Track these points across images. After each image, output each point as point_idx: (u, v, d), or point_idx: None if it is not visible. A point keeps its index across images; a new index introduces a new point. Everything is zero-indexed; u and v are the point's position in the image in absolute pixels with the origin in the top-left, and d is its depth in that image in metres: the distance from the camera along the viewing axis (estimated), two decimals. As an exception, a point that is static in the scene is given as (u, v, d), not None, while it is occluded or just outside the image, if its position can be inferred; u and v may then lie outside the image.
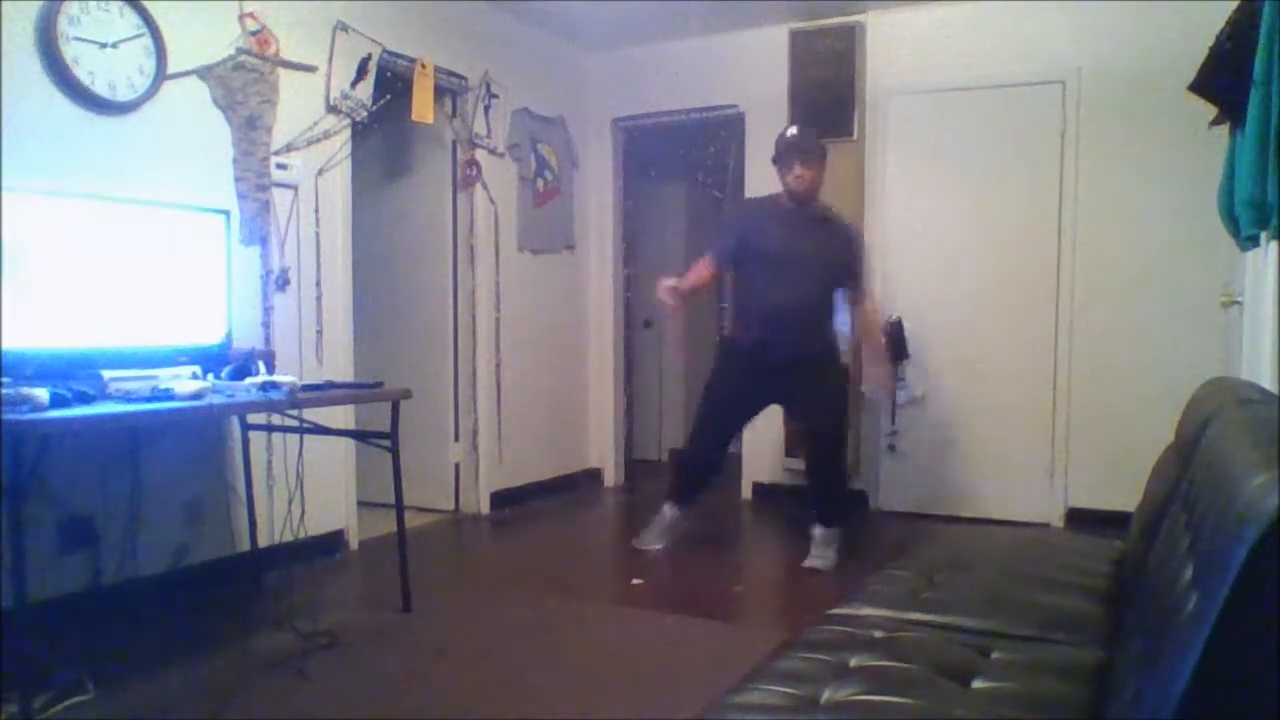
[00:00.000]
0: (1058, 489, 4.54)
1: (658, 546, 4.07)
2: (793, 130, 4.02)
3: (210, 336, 3.17)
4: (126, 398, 2.51)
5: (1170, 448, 2.15)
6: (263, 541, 3.57)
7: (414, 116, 4.29)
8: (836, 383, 4.11)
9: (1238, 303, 3.40)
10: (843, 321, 4.19)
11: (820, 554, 3.92)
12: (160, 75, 3.21)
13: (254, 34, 3.55)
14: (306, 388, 3.04)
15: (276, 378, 2.90)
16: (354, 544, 4.12)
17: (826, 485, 4.04)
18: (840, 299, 4.08)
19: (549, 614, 3.29)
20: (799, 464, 4.93)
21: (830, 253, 3.95)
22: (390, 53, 4.16)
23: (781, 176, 3.91)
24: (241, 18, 3.51)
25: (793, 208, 3.91)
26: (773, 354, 3.83)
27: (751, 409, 4.16)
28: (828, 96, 4.85)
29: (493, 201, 4.85)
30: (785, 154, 3.88)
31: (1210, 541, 1.07)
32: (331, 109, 3.92)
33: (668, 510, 4.14)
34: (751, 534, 4.58)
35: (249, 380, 2.89)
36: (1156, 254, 4.30)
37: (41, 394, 2.27)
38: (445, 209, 4.81)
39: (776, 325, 3.84)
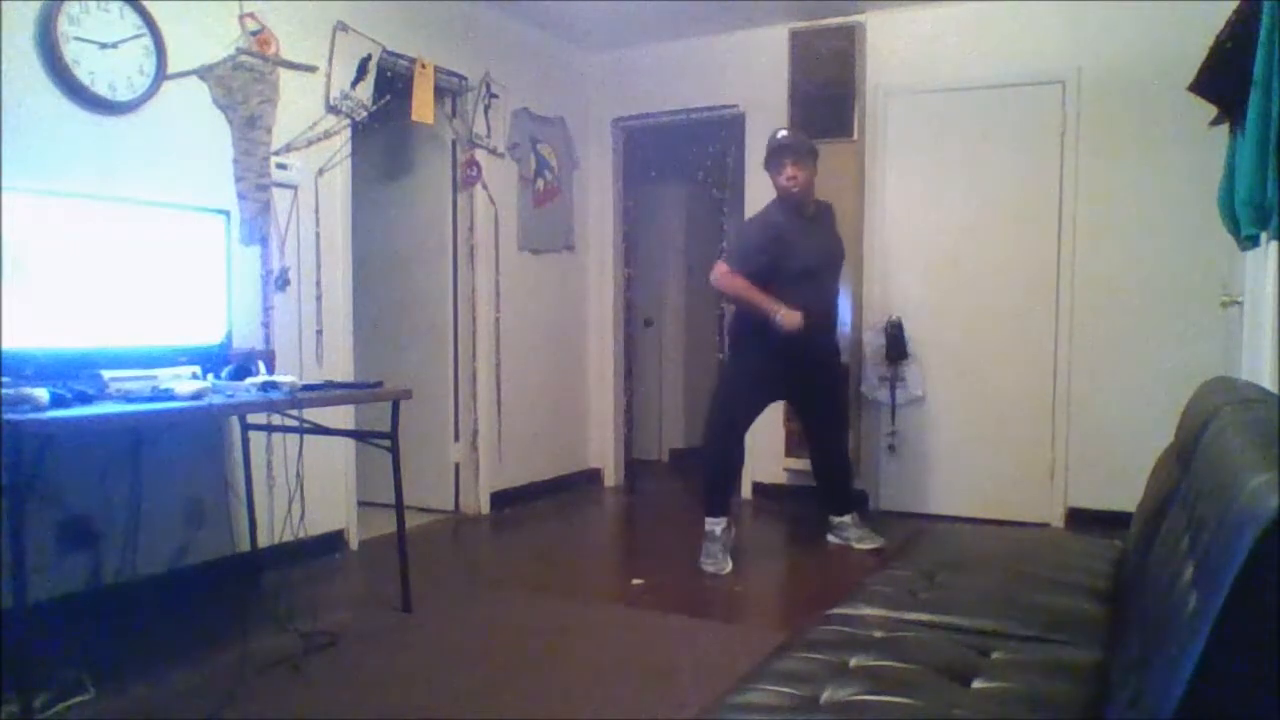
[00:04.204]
0: (1058, 489, 4.54)
1: (729, 566, 3.85)
2: (783, 132, 4.01)
3: (210, 336, 3.18)
4: (126, 398, 2.51)
5: (1170, 448, 2.15)
6: (263, 541, 3.57)
7: (414, 116, 4.29)
8: (843, 379, 4.34)
9: (1238, 303, 3.40)
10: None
11: (868, 534, 4.16)
12: (160, 75, 3.21)
13: (254, 34, 3.55)
14: (306, 388, 3.03)
15: (276, 378, 2.90)
16: (354, 544, 4.12)
17: (846, 474, 4.28)
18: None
19: (549, 614, 3.29)
20: (799, 464, 4.95)
21: (835, 244, 4.11)
22: (390, 53, 4.16)
23: (774, 179, 3.90)
24: (241, 18, 3.52)
25: (800, 215, 3.89)
26: (800, 359, 3.89)
27: (765, 405, 4.21)
28: (828, 96, 4.85)
29: (493, 201, 4.85)
30: (776, 155, 3.88)
31: (1210, 541, 1.07)
32: (331, 109, 3.92)
33: (717, 527, 3.90)
34: (752, 534, 4.57)
35: (249, 380, 2.89)
36: (1156, 254, 4.29)
37: (41, 394, 2.27)
38: (445, 209, 4.81)
39: (811, 335, 3.87)
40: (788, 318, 3.74)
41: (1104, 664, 1.59)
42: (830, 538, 4.23)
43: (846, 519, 4.20)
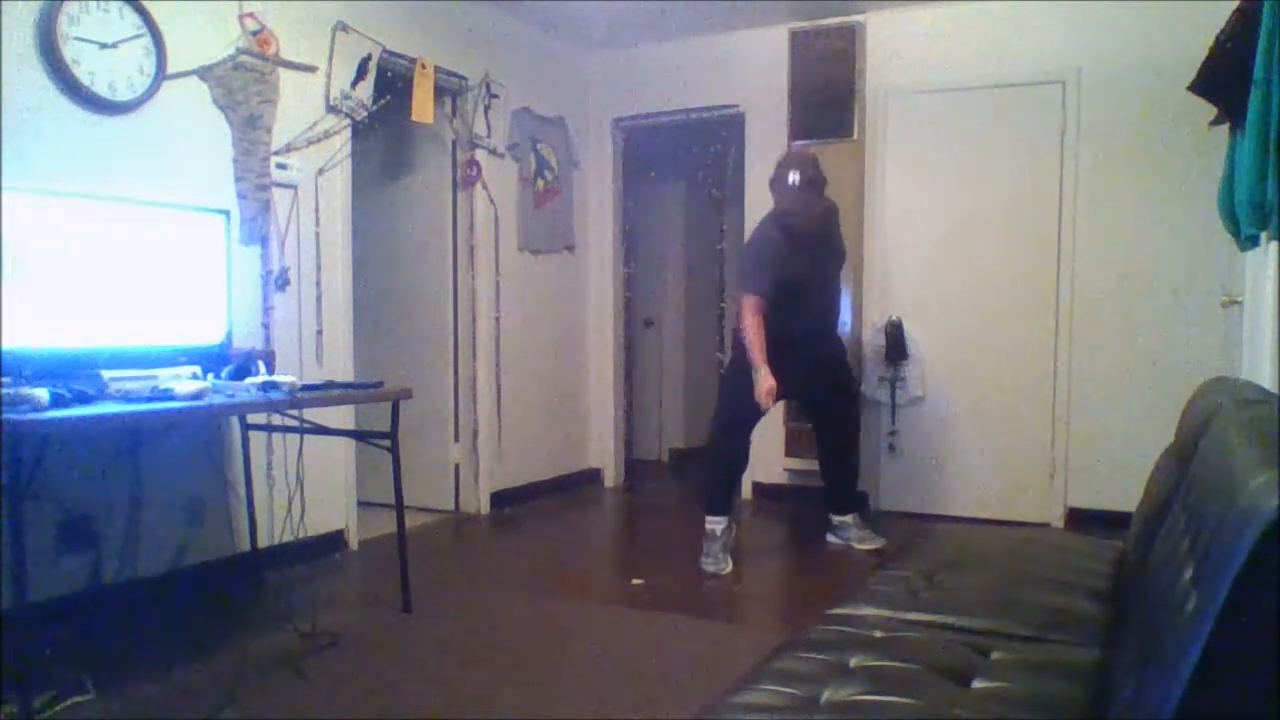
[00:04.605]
0: (1058, 489, 4.54)
1: (729, 566, 3.85)
2: (795, 177, 3.80)
3: (210, 336, 3.17)
4: (126, 398, 2.51)
5: (1170, 448, 2.15)
6: (263, 541, 3.57)
7: (414, 116, 4.29)
8: (851, 379, 4.33)
9: (1238, 303, 3.40)
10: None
11: (869, 535, 4.16)
12: (160, 75, 3.21)
13: (254, 34, 3.55)
14: (306, 388, 3.04)
15: (276, 378, 2.90)
16: (354, 544, 4.12)
17: (853, 475, 4.29)
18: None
19: (549, 614, 3.29)
20: (799, 464, 4.96)
21: (835, 249, 4.11)
22: (390, 53, 4.16)
23: (780, 198, 3.84)
24: (241, 18, 3.51)
25: (801, 227, 3.87)
26: (802, 363, 3.89)
27: (771, 405, 4.18)
28: (828, 96, 4.85)
29: (493, 201, 4.85)
30: (783, 175, 3.82)
31: (1210, 541, 1.07)
32: (331, 109, 3.92)
33: (718, 526, 3.92)
34: (752, 534, 4.57)
35: (249, 380, 2.89)
36: (1156, 254, 4.29)
37: (41, 394, 2.27)
38: (445, 209, 4.81)
39: (809, 341, 3.92)
40: (761, 379, 3.65)
41: (1104, 664, 1.59)
42: (830, 538, 4.23)
43: (848, 519, 4.21)
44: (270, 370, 3.16)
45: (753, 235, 4.05)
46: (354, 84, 4.00)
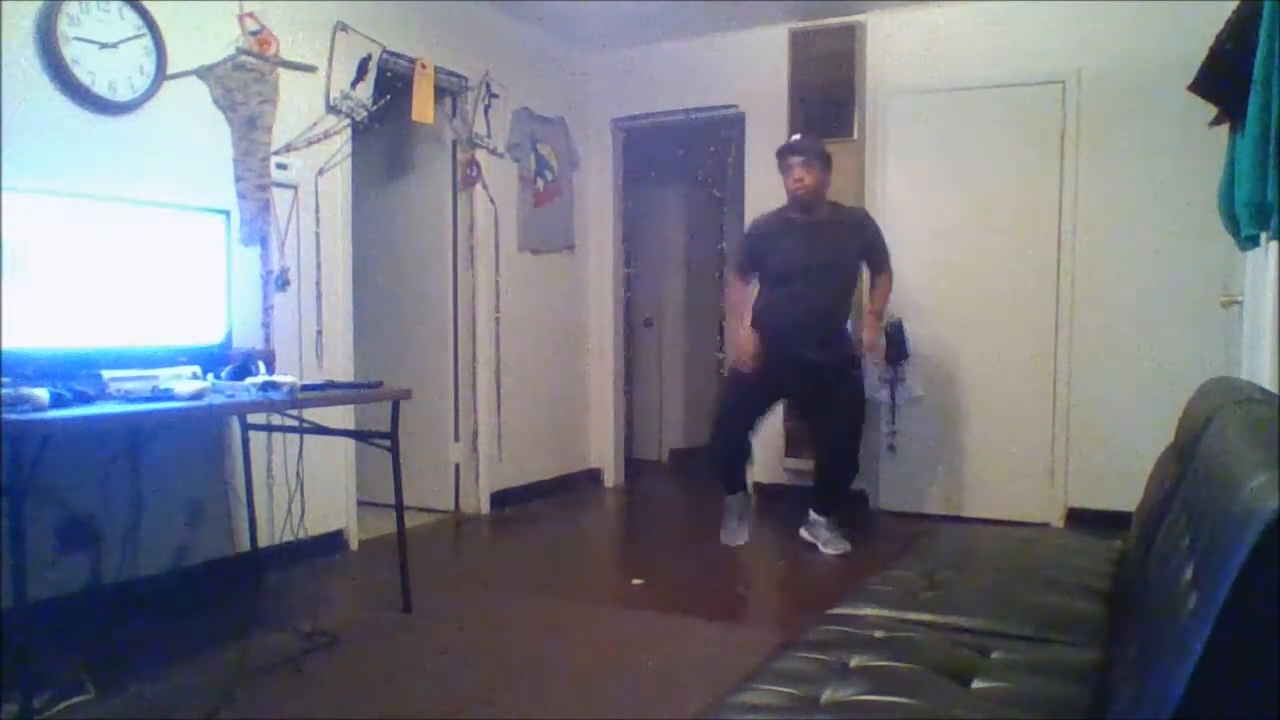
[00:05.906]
0: (1058, 489, 4.53)
1: (744, 539, 4.14)
2: (796, 135, 4.04)
3: (210, 336, 3.17)
4: (126, 398, 2.51)
5: (1170, 448, 2.15)
6: (263, 541, 3.57)
7: (414, 116, 4.29)
8: (855, 386, 4.22)
9: (1238, 303, 3.40)
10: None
11: (837, 539, 4.09)
12: (160, 75, 3.21)
13: (254, 34, 3.55)
14: (306, 388, 3.03)
15: (276, 378, 2.90)
16: (354, 544, 4.12)
17: (840, 476, 4.23)
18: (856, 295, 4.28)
19: (549, 614, 3.29)
20: (799, 464, 4.95)
21: (846, 252, 4.06)
22: (390, 53, 4.16)
23: (784, 184, 3.94)
24: (241, 18, 3.51)
25: (800, 218, 3.91)
26: (792, 363, 3.91)
27: (773, 399, 4.28)
28: (828, 96, 4.85)
29: (493, 201, 4.85)
30: (784, 158, 3.92)
31: (1210, 541, 1.07)
32: (331, 109, 3.92)
33: (732, 500, 4.21)
34: (752, 534, 4.57)
35: (249, 380, 2.89)
36: (1156, 254, 4.29)
37: (41, 394, 2.27)
38: (445, 209, 4.81)
39: (795, 337, 3.91)
40: (736, 339, 4.00)
41: (1104, 664, 1.59)
42: (802, 532, 4.19)
43: (823, 520, 4.13)
44: (270, 370, 3.16)
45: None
46: (354, 84, 4.00)
